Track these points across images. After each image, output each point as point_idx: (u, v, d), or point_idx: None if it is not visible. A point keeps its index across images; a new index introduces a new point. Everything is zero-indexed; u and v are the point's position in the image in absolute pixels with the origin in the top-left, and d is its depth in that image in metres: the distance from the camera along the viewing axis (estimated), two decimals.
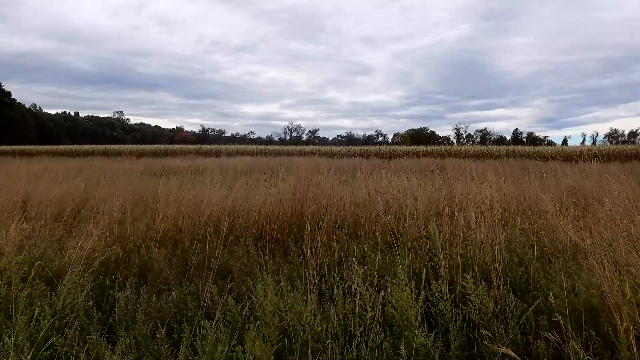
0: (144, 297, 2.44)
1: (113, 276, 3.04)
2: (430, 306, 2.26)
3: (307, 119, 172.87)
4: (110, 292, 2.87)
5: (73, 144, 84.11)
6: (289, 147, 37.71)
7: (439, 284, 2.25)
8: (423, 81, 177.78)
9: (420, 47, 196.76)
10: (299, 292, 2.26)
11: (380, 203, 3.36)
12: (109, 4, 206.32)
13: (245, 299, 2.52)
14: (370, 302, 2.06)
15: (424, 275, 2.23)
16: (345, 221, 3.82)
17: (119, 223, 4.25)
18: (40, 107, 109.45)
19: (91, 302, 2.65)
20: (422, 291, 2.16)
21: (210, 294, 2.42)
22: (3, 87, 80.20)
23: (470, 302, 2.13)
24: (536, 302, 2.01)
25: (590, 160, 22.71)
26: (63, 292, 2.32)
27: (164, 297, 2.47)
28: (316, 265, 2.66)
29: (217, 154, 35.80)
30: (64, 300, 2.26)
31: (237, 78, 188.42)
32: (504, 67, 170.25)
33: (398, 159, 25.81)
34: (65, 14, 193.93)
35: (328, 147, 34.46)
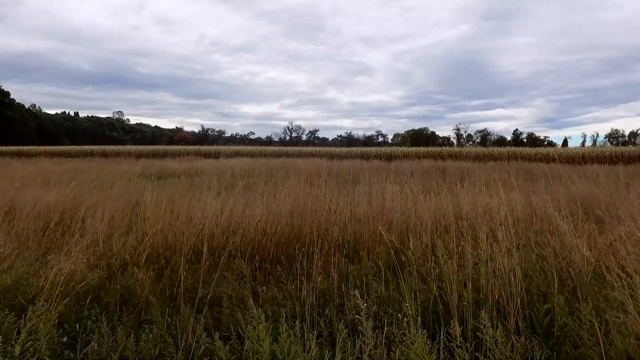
0: (121, 336, 2.18)
1: (94, 303, 2.78)
2: (445, 352, 2.00)
3: (307, 119, 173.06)
4: (88, 323, 2.61)
5: (73, 144, 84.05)
6: (289, 149, 37.45)
7: (453, 324, 1.99)
8: (423, 81, 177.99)
9: (420, 47, 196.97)
10: (296, 332, 2.00)
11: (382, 229, 3.09)
12: (109, 4, 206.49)
13: (233, 335, 2.27)
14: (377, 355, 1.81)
15: (442, 327, 1.97)
16: (346, 238, 3.56)
17: (107, 238, 3.98)
18: (39, 107, 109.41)
19: (65, 339, 2.39)
20: (438, 336, 1.90)
21: (196, 332, 2.17)
22: (2, 87, 79.98)
23: (488, 349, 1.88)
24: None
25: (593, 163, 22.42)
26: (24, 332, 2.06)
27: (144, 335, 2.21)
28: (313, 294, 2.41)
29: (217, 155, 35.56)
30: (23, 343, 2.00)
31: (237, 78, 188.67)
32: (504, 67, 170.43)
33: (399, 161, 25.57)
34: (65, 14, 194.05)
35: (328, 149, 34.19)
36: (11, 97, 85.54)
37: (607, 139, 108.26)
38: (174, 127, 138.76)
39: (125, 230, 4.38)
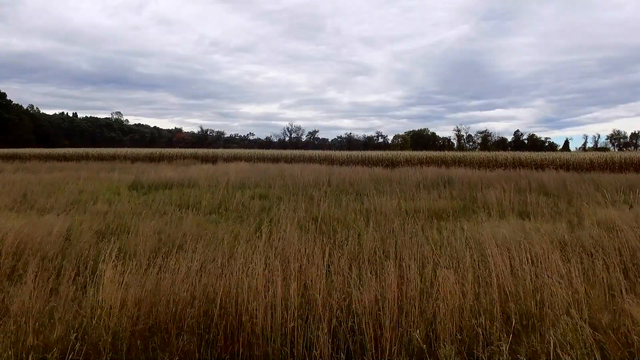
0: None
1: None
2: None
3: (307, 119, 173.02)
4: None
5: (71, 145, 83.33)
6: (288, 152, 36.66)
7: None
8: (423, 81, 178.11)
9: (420, 47, 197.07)
10: None
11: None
12: (109, 4, 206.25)
13: None
14: None
15: None
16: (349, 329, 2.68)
17: (47, 313, 3.11)
18: (37, 107, 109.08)
19: None
20: None
21: None
22: None
23: None
24: None
25: (603, 171, 21.56)
26: None
27: None
28: None
29: (214, 159, 34.79)
30: None
31: (237, 78, 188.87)
32: (504, 68, 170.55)
33: (401, 167, 24.73)
34: (65, 14, 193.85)
35: (328, 153, 33.37)
36: (8, 98, 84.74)
37: (608, 140, 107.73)
38: (174, 128, 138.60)
39: (73, 295, 3.45)
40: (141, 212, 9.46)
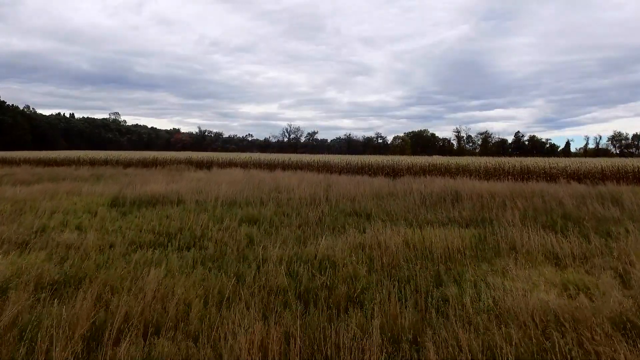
0: None
1: None
2: None
3: (306, 119, 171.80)
4: None
5: (69, 146, 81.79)
6: (285, 157, 35.51)
7: None
8: (423, 81, 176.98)
9: (420, 47, 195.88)
10: None
11: None
12: (109, 4, 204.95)
13: None
14: None
15: None
16: None
17: None
18: (34, 108, 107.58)
19: None
20: None
21: None
22: None
23: None
24: None
25: (618, 182, 20.29)
26: None
27: None
28: None
29: (209, 164, 33.65)
30: None
31: (236, 78, 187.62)
32: (504, 68, 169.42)
33: (404, 177, 23.52)
34: (65, 14, 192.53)
35: (326, 159, 32.12)
36: (2, 99, 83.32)
37: (609, 141, 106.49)
38: (172, 128, 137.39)
39: None
40: (111, 244, 8.27)
